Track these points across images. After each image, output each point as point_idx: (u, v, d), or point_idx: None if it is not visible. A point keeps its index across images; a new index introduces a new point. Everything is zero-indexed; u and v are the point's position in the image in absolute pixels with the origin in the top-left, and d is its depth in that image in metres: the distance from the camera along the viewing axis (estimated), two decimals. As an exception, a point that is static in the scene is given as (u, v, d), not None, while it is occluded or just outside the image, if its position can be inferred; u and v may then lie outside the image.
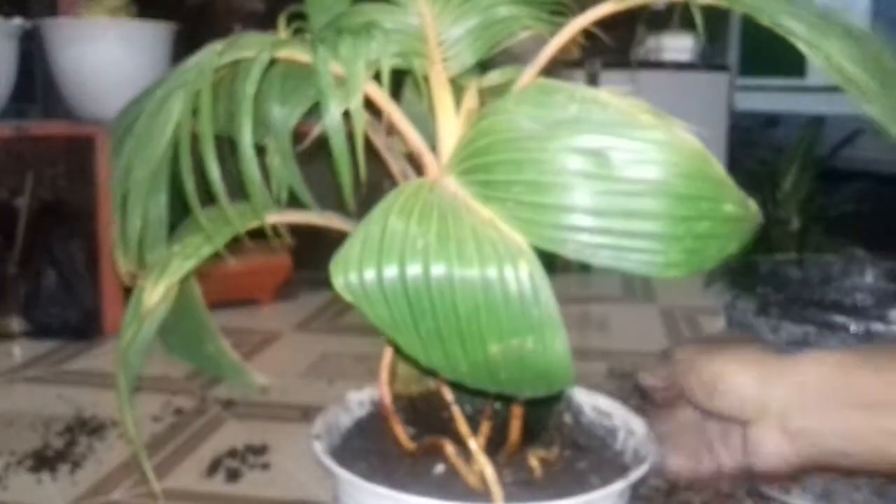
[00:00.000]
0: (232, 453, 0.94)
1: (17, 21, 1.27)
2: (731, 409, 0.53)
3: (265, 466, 0.91)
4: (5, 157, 1.52)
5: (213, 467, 0.91)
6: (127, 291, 1.51)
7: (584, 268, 1.90)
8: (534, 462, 0.52)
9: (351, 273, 0.40)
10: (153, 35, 1.33)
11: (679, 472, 0.60)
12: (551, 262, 0.43)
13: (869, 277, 0.96)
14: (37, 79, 1.50)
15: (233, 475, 0.89)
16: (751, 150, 2.10)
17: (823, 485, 0.80)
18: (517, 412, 0.52)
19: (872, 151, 2.27)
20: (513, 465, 0.52)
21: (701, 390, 0.55)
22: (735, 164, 1.92)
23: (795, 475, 0.55)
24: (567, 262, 0.43)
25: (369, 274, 0.40)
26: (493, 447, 0.52)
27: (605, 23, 0.68)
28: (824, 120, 1.90)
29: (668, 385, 0.60)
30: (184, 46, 1.48)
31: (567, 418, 0.61)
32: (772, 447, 0.52)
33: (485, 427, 0.51)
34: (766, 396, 0.52)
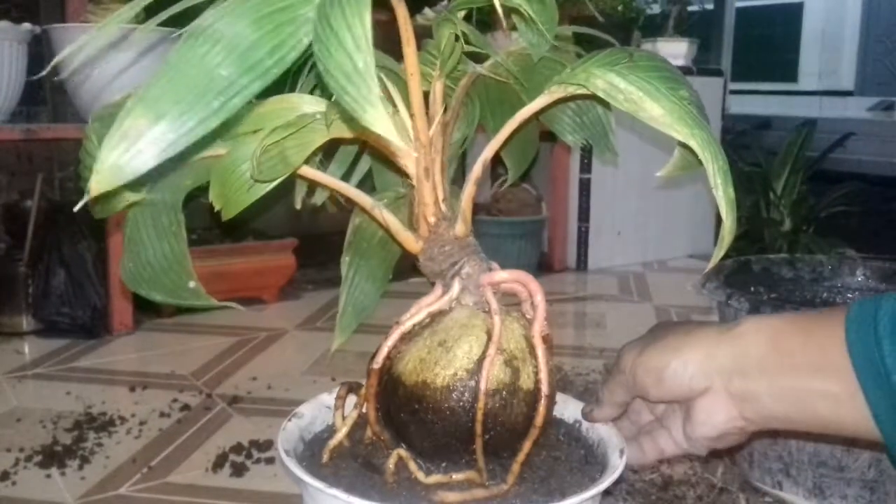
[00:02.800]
0: (237, 449, 0.96)
1: (27, 26, 1.28)
2: (680, 389, 0.54)
3: (270, 461, 0.93)
4: (15, 160, 1.54)
5: (219, 462, 0.93)
6: (135, 293, 1.51)
7: (582, 267, 1.91)
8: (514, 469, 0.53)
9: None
10: (159, 39, 1.35)
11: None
12: (548, 263, 0.46)
13: (859, 277, 0.97)
14: (45, 82, 1.52)
15: (238, 470, 0.91)
16: (744, 152, 2.11)
17: (815, 479, 0.82)
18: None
19: (863, 154, 2.28)
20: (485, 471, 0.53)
21: (648, 382, 0.56)
22: (729, 166, 1.92)
23: (743, 443, 0.56)
24: (566, 263, 0.45)
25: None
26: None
27: (602, 30, 0.71)
28: (815, 123, 1.92)
29: (617, 403, 0.59)
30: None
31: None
32: (719, 412, 0.53)
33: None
34: (711, 367, 0.53)
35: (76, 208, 0.43)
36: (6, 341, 1.35)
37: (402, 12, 0.51)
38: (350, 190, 0.60)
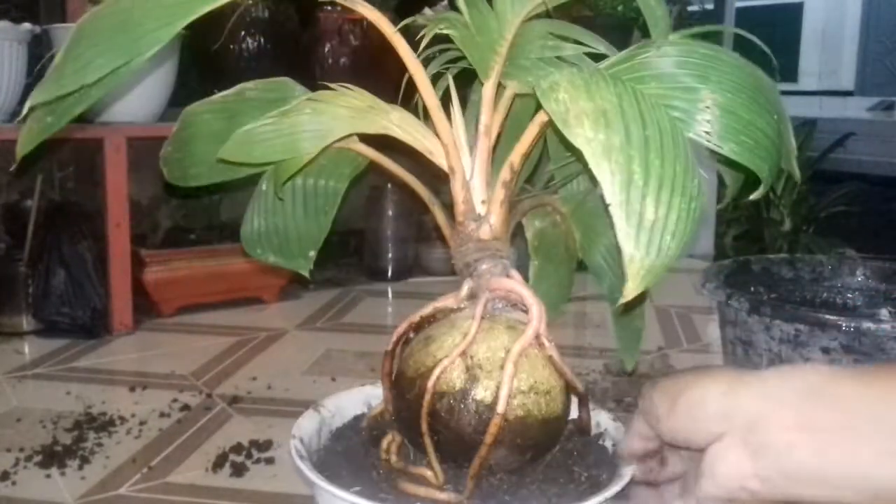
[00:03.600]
0: (237, 449, 0.96)
1: (27, 26, 1.29)
2: (694, 425, 0.46)
3: (270, 461, 0.93)
4: (15, 160, 1.54)
5: (219, 462, 0.93)
6: (134, 291, 1.52)
7: (582, 267, 1.91)
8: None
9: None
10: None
11: None
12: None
13: (859, 277, 0.97)
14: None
15: (238, 470, 0.91)
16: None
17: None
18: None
19: (863, 154, 2.28)
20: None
21: (662, 408, 0.47)
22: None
23: None
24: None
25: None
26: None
27: (602, 29, 0.71)
28: (815, 123, 1.92)
29: (640, 434, 0.52)
30: (191, 52, 1.50)
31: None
32: (730, 464, 0.44)
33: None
34: (733, 408, 0.44)
35: None
36: (6, 341, 1.35)
37: (371, 14, 0.52)
38: (413, 181, 0.60)
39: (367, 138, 0.59)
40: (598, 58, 0.57)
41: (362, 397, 0.64)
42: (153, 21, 0.46)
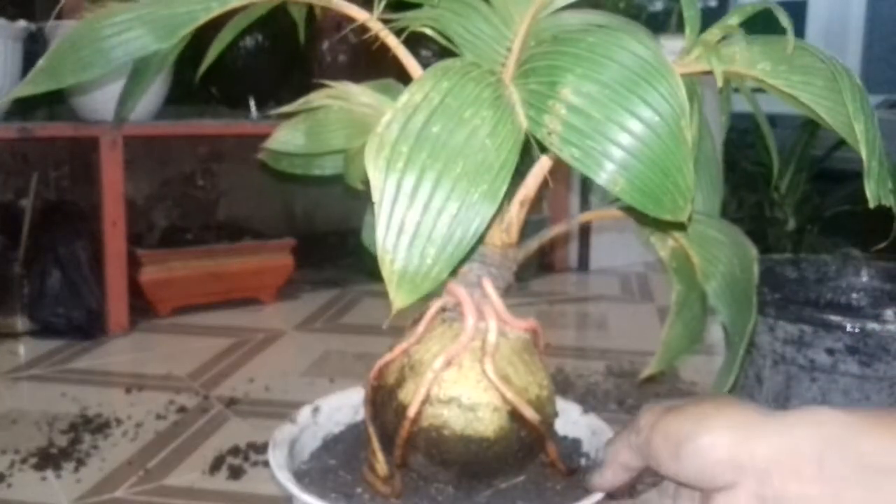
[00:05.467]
0: (234, 451, 0.95)
1: (22, 24, 1.28)
2: (701, 474, 0.42)
3: (267, 464, 0.92)
4: (10, 159, 1.53)
5: (216, 465, 0.92)
6: (130, 292, 1.51)
7: (583, 267, 1.91)
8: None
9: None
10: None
11: None
12: (549, 264, 0.44)
13: (864, 277, 0.96)
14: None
15: (235, 473, 0.90)
16: (748, 151, 2.11)
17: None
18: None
19: (868, 152, 2.29)
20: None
21: (664, 452, 0.43)
22: (732, 166, 1.93)
23: None
24: (567, 263, 0.43)
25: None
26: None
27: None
28: (820, 122, 1.91)
29: (623, 465, 0.48)
30: (186, 49, 1.49)
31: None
32: None
33: None
34: (746, 457, 0.41)
35: None
36: (1, 342, 1.34)
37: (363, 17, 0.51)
38: None
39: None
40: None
41: (357, 400, 0.63)
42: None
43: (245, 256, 1.56)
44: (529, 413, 0.49)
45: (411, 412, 0.47)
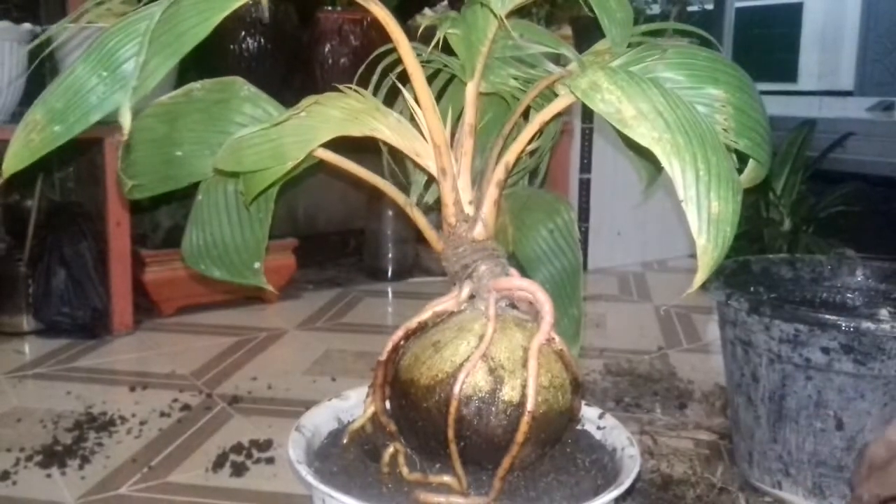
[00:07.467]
0: (237, 448, 0.96)
1: (27, 26, 1.29)
2: None
3: (270, 461, 0.93)
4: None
5: (220, 462, 0.93)
6: (135, 291, 1.51)
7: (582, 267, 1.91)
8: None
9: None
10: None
11: None
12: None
13: (859, 277, 0.97)
14: (46, 83, 1.51)
15: (238, 470, 0.91)
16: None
17: (814, 479, 0.82)
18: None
19: (862, 154, 2.28)
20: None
21: None
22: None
23: None
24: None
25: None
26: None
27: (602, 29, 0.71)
28: (815, 123, 1.92)
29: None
30: (191, 51, 1.50)
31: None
32: None
33: None
34: None
35: None
36: (7, 341, 1.35)
37: (381, 13, 0.52)
38: (386, 186, 0.60)
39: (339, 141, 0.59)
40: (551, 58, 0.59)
41: (332, 413, 0.64)
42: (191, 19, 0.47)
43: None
44: (580, 374, 0.56)
45: (531, 405, 0.50)
